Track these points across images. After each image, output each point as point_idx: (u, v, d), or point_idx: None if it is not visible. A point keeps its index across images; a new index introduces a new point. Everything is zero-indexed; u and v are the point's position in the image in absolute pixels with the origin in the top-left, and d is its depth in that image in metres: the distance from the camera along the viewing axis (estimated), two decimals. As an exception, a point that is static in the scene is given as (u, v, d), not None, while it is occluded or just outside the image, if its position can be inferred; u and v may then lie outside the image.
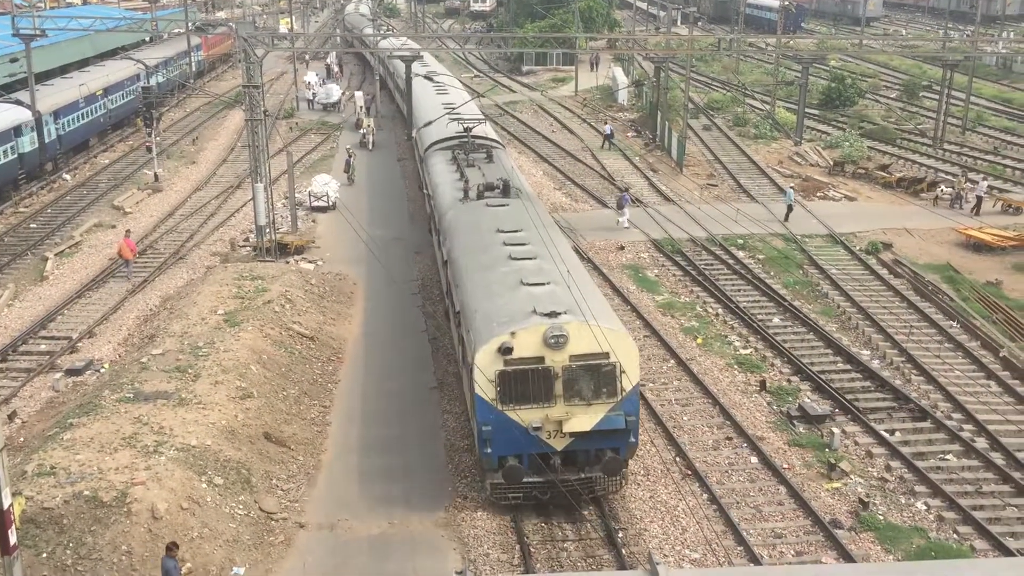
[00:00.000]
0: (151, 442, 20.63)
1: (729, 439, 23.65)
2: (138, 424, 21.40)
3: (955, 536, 19.94)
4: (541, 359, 18.72)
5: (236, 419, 22.60)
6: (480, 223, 25.38)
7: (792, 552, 19.39)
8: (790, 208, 40.55)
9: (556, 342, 18.56)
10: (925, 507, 20.94)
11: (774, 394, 26.09)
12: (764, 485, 21.70)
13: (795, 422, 24.57)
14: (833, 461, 22.48)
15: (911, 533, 20.05)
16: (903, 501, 21.19)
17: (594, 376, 18.87)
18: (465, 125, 34.17)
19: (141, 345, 27.91)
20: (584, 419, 19.04)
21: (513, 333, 18.62)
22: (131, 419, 21.62)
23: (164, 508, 18.52)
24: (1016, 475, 21.79)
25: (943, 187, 43.99)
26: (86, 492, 18.57)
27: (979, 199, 41.67)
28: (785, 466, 22.41)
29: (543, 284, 20.44)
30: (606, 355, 18.71)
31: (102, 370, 27.18)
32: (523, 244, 23.11)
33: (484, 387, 18.73)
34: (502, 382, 18.70)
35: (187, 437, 21.06)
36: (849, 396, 25.47)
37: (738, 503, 20.97)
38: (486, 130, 37.84)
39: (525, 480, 19.31)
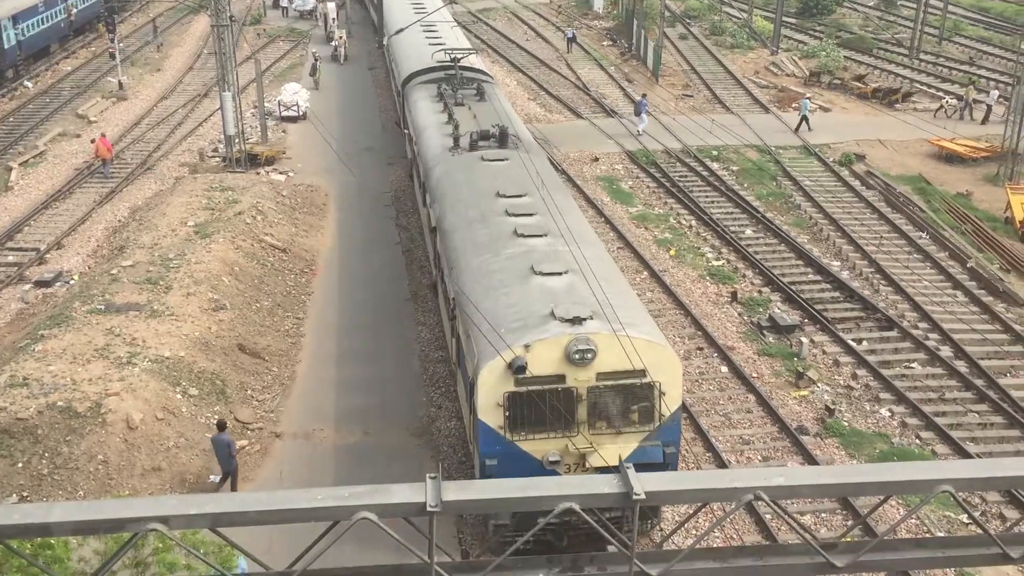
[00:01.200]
0: (124, 353, 20.61)
1: (700, 349, 23.99)
2: (110, 336, 21.34)
3: (917, 441, 20.51)
4: (561, 378, 15.23)
5: (209, 331, 22.59)
6: (476, 184, 21.63)
7: (759, 457, 19.89)
8: (805, 119, 40.39)
9: (581, 358, 15.02)
10: (889, 414, 21.46)
11: (745, 305, 26.40)
12: (733, 394, 22.12)
13: (765, 332, 24.93)
14: (801, 370, 22.92)
15: (874, 439, 20.59)
16: (868, 408, 21.70)
17: (626, 399, 15.50)
18: (452, 55, 29.90)
19: (111, 256, 27.65)
20: (612, 451, 15.50)
21: (527, 346, 15.05)
22: (103, 331, 21.54)
23: (139, 418, 18.61)
24: (978, 382, 22.33)
25: (948, 98, 43.77)
26: (60, 403, 18.60)
27: (989, 108, 41.58)
28: (754, 375, 22.82)
29: (559, 273, 16.89)
30: (642, 372, 15.24)
31: (72, 282, 26.96)
32: (530, 214, 19.48)
33: (489, 412, 15.30)
34: (512, 406, 15.27)
35: (160, 348, 21.05)
36: (818, 306, 25.83)
37: (708, 411, 21.39)
38: (474, 61, 33.55)
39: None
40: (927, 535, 17.28)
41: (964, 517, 18.08)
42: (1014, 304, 26.53)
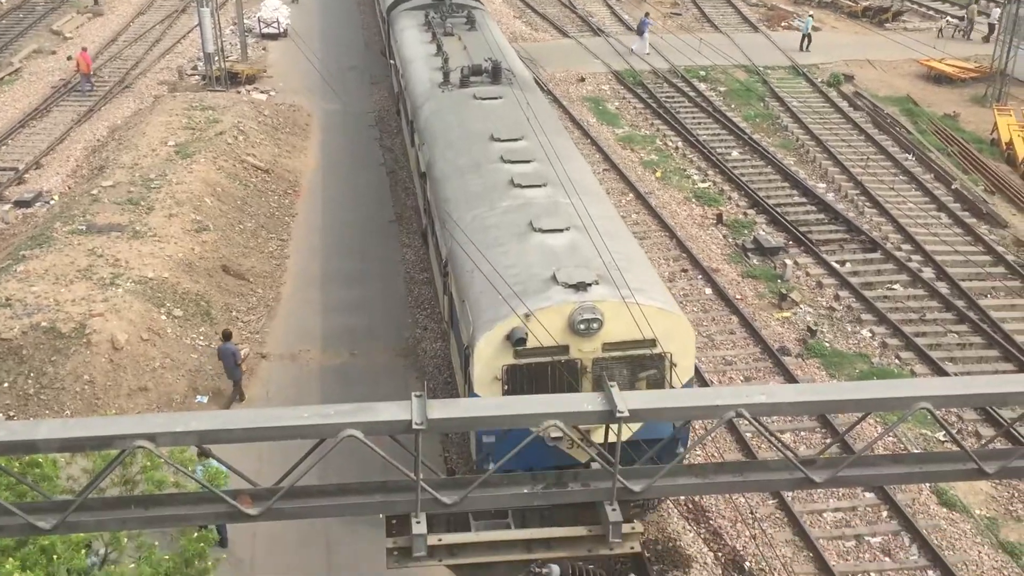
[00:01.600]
0: (107, 274, 20.51)
1: (684, 271, 24.07)
2: (93, 256, 21.21)
3: (897, 361, 20.79)
4: (564, 349, 14.05)
5: (193, 252, 22.47)
6: (468, 125, 20.32)
7: (741, 377, 20.13)
8: (808, 37, 39.88)
9: (586, 328, 13.87)
10: (870, 334, 21.70)
11: (730, 227, 26.42)
12: (717, 315, 22.27)
13: (749, 254, 25.01)
14: (784, 291, 23.07)
15: (855, 359, 20.85)
16: (849, 329, 21.92)
17: (634, 370, 14.38)
18: None
19: (91, 177, 27.31)
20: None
21: (528, 315, 13.80)
22: (85, 251, 21.40)
23: (124, 339, 18.61)
24: (959, 303, 22.55)
25: (949, 17, 43.14)
26: (44, 323, 18.56)
27: (991, 27, 41.07)
28: (738, 297, 22.96)
29: (561, 230, 15.64)
30: (652, 342, 14.12)
31: (52, 202, 26.67)
32: (527, 161, 18.15)
33: (486, 386, 14.08)
34: (511, 379, 14.12)
35: (143, 270, 20.95)
36: (803, 228, 25.88)
37: (691, 332, 21.53)
38: None
39: None
40: (904, 452, 17.65)
41: (940, 435, 18.45)
42: (997, 226, 26.66)
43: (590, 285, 14.10)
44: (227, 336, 18.58)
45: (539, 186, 17.15)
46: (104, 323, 18.78)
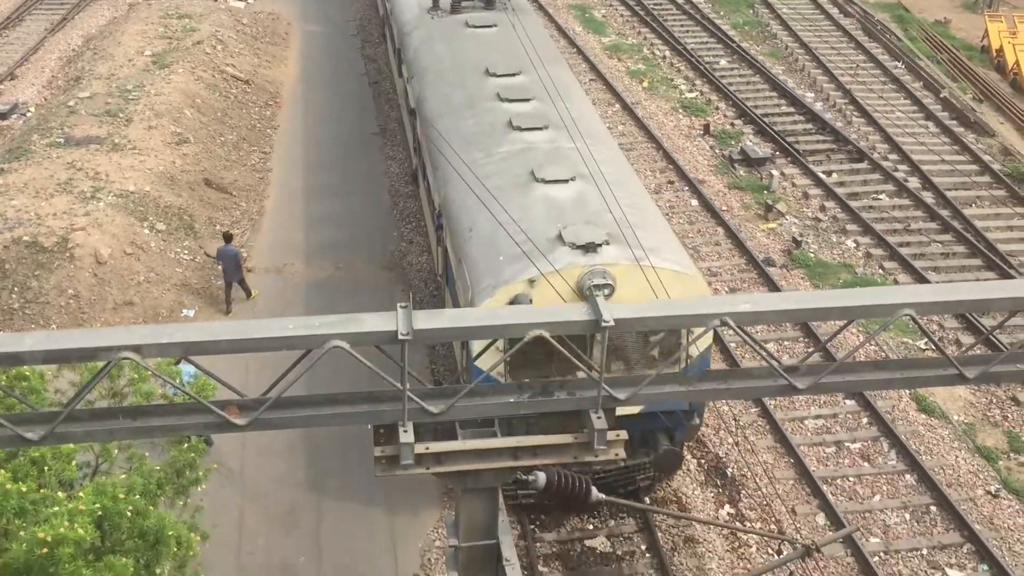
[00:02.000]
0: (88, 188, 20.26)
1: (671, 183, 23.95)
2: (72, 170, 20.91)
3: (880, 271, 20.92)
4: None
5: (174, 165, 22.18)
6: (460, 58, 19.00)
7: (726, 288, 20.24)
8: None
9: (597, 293, 12.66)
10: (855, 244, 21.77)
11: (717, 138, 26.22)
12: (703, 227, 22.27)
13: (736, 165, 24.88)
14: (770, 202, 23.03)
15: (839, 269, 20.97)
16: (834, 239, 21.99)
17: (648, 338, 13.21)
18: None
19: (67, 88, 26.74)
20: None
21: (532, 281, 12.74)
22: (64, 164, 21.09)
23: (108, 253, 18.49)
24: (944, 213, 22.59)
25: None
26: (25, 238, 18.40)
27: None
28: (724, 208, 22.92)
29: (566, 181, 14.43)
30: None
31: (28, 114, 26.17)
32: (526, 99, 16.92)
33: (487, 356, 11.81)
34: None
35: (124, 183, 20.69)
36: (790, 139, 25.71)
37: (677, 243, 21.55)
38: None
39: None
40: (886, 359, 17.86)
41: (922, 343, 18.68)
42: (984, 135, 26.55)
43: (600, 246, 12.99)
44: (228, 238, 18.77)
45: (540, 129, 16.03)
46: (87, 237, 18.63)
